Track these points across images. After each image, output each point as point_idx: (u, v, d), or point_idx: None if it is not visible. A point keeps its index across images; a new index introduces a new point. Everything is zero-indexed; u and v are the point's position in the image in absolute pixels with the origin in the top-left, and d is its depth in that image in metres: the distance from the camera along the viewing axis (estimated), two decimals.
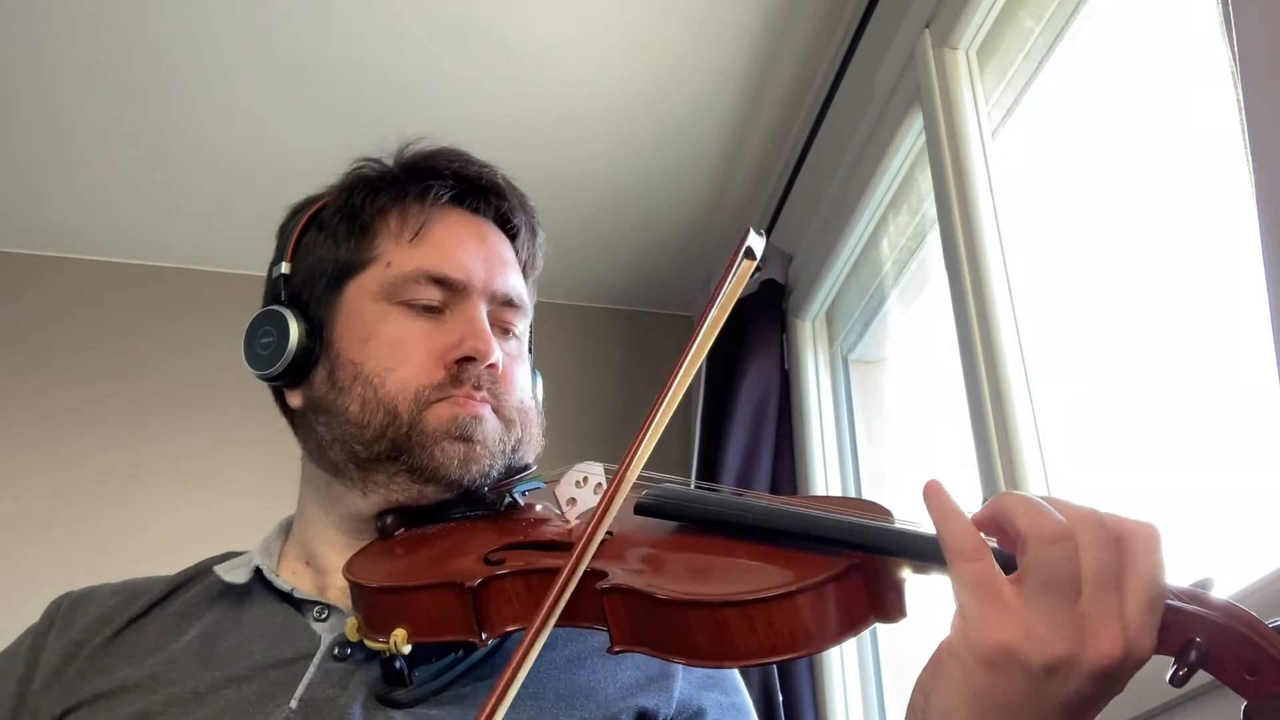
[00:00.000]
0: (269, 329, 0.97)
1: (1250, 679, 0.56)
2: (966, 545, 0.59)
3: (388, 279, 0.96)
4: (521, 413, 0.97)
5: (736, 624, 0.66)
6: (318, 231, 1.01)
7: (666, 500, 0.81)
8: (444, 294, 0.96)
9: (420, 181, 1.00)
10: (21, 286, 2.68)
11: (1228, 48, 0.98)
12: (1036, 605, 0.57)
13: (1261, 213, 0.93)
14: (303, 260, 1.01)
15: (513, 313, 1.01)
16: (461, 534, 0.89)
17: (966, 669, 0.58)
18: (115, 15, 2.10)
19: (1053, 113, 1.65)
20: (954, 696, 0.59)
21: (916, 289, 2.10)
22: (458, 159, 1.03)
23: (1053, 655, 0.56)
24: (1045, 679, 0.57)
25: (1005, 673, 0.57)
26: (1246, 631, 0.57)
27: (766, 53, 2.23)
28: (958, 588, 0.59)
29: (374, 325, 0.95)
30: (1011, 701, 0.58)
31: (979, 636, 0.58)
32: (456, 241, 0.99)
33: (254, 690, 0.85)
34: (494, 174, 1.04)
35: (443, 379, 0.93)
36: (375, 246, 0.98)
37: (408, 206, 0.99)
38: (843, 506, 0.75)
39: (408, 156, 1.04)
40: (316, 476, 0.99)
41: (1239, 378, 1.19)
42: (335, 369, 0.95)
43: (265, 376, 0.97)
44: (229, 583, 0.96)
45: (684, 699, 0.91)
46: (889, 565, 0.67)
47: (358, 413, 0.92)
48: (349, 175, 1.04)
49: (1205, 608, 0.58)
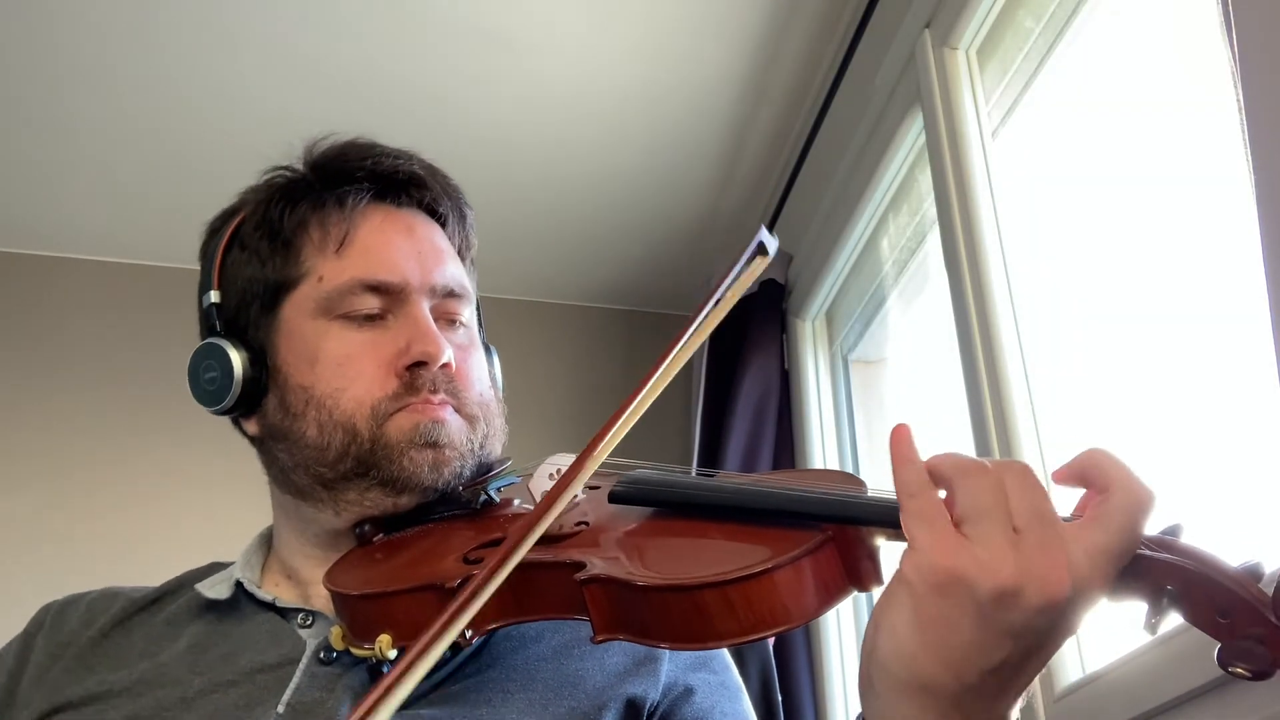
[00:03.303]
0: (210, 363, 0.94)
1: (1223, 622, 0.57)
2: (914, 482, 0.61)
3: (322, 294, 0.93)
4: (483, 406, 0.95)
5: (715, 605, 0.66)
6: (240, 250, 0.98)
7: (638, 487, 0.81)
8: (383, 300, 0.93)
9: (336, 185, 0.97)
10: (21, 286, 2.68)
11: (1228, 48, 0.98)
12: (975, 534, 0.58)
13: (1261, 213, 0.93)
14: (231, 285, 0.97)
15: (456, 302, 0.98)
16: (440, 535, 0.89)
17: (916, 596, 0.59)
18: (120, 17, 2.10)
19: (1053, 113, 1.65)
20: (900, 620, 0.60)
21: (916, 289, 2.10)
22: (370, 154, 0.99)
23: (998, 582, 0.57)
24: (993, 607, 0.57)
25: (953, 598, 0.58)
26: (1216, 575, 0.57)
27: (766, 53, 2.23)
28: (907, 521, 0.61)
29: (317, 344, 0.92)
30: (959, 627, 0.58)
31: (927, 562, 0.59)
32: (385, 243, 0.95)
33: (241, 695, 0.85)
34: (410, 164, 1.01)
35: (397, 388, 0.90)
36: (302, 261, 0.95)
37: (328, 214, 0.96)
38: (816, 479, 0.75)
39: (317, 157, 1.00)
40: (285, 501, 0.98)
41: (1239, 378, 1.19)
42: (286, 395, 0.93)
43: (218, 411, 0.95)
44: (211, 599, 0.95)
45: (670, 680, 0.91)
46: (862, 535, 0.68)
47: (316, 436, 0.90)
48: (262, 186, 1.01)
49: (1175, 554, 0.59)
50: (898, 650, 0.60)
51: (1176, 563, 0.58)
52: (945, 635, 0.58)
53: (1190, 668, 1.03)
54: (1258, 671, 0.55)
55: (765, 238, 0.83)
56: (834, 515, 0.68)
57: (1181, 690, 1.05)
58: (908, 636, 0.59)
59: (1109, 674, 1.20)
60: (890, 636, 0.60)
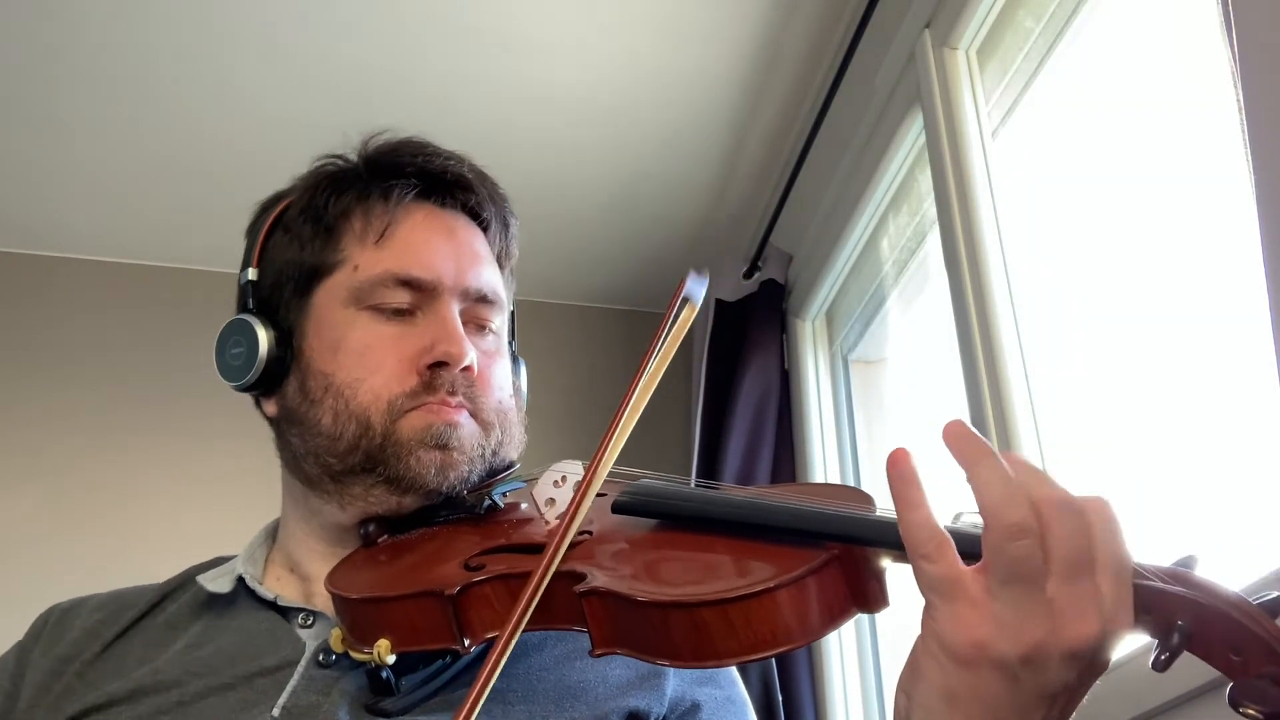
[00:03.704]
0: (238, 339, 0.95)
1: (1236, 659, 0.54)
2: (926, 544, 0.58)
3: (355, 283, 0.93)
4: (500, 414, 0.94)
5: (715, 624, 0.65)
6: (283, 234, 0.98)
7: (642, 498, 0.80)
8: (413, 296, 0.93)
9: (384, 179, 0.97)
10: (21, 286, 2.68)
11: (1228, 48, 0.97)
12: (1003, 596, 0.56)
13: (1261, 212, 0.93)
14: (269, 265, 0.98)
15: (488, 308, 0.98)
16: (443, 539, 0.89)
17: (942, 668, 0.57)
18: (118, 16, 2.10)
19: (1053, 113, 1.65)
20: (934, 696, 0.58)
21: (916, 289, 2.10)
22: (422, 152, 1.00)
23: (1026, 644, 0.55)
24: (1022, 669, 0.56)
25: (981, 668, 0.56)
26: (1231, 611, 0.55)
27: (766, 53, 2.23)
28: (922, 588, 0.58)
29: (343, 333, 0.92)
30: (992, 696, 0.56)
31: (949, 635, 0.57)
32: (424, 240, 0.95)
33: (238, 698, 0.85)
34: (460, 166, 1.01)
35: (415, 386, 0.90)
36: (340, 249, 0.95)
37: (372, 206, 0.96)
38: (825, 494, 0.74)
39: (371, 151, 1.00)
40: (294, 487, 0.97)
41: (1239, 378, 1.19)
42: (306, 379, 0.93)
43: (238, 387, 0.95)
44: (212, 592, 0.95)
45: (676, 696, 0.90)
46: (869, 555, 0.66)
47: (330, 425, 0.90)
48: (313, 173, 1.01)
49: (1188, 588, 0.56)
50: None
51: (1189, 596, 0.56)
52: (982, 710, 0.56)
53: (1190, 668, 1.02)
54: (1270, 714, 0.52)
55: (691, 286, 0.82)
56: (840, 534, 0.67)
57: (1181, 690, 1.04)
58: (944, 714, 0.57)
59: (1109, 674, 1.20)
60: (926, 715, 0.58)
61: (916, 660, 0.59)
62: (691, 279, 0.83)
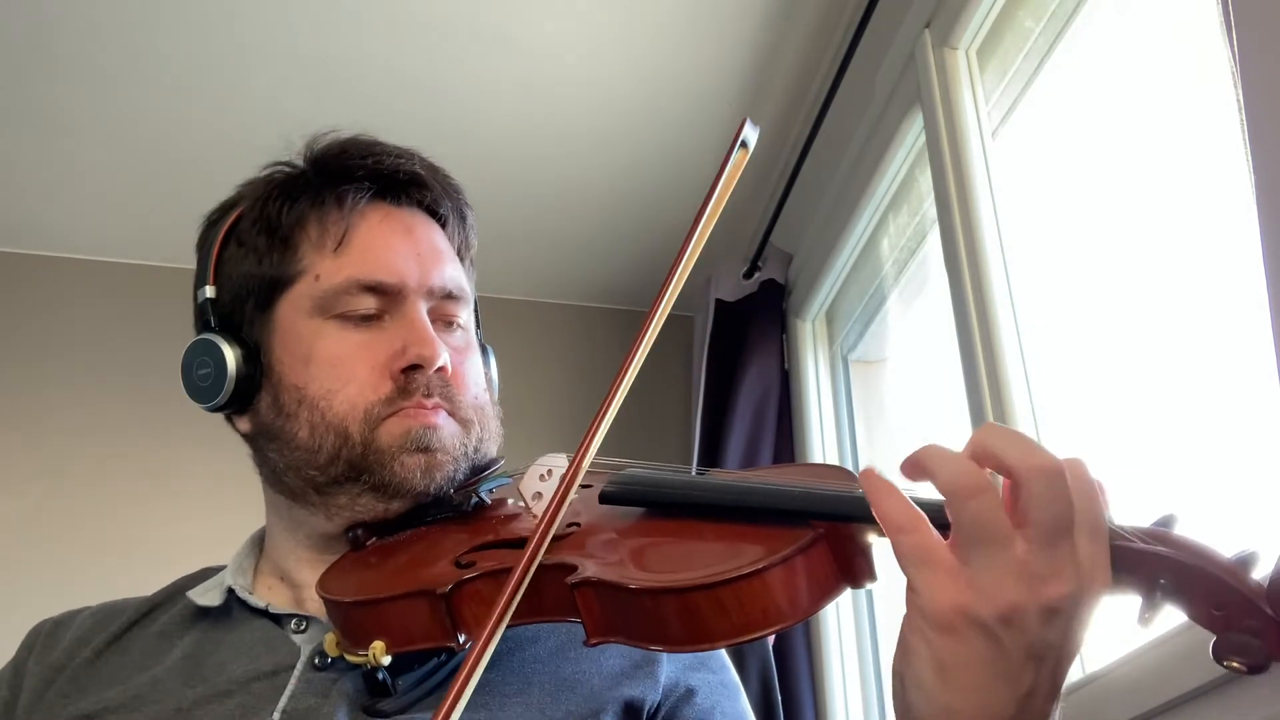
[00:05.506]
0: (204, 359, 0.93)
1: (1218, 614, 0.56)
2: (900, 519, 0.60)
3: (318, 293, 0.92)
4: (478, 409, 0.94)
5: (707, 607, 0.66)
6: (237, 246, 0.97)
7: (629, 487, 0.80)
8: (380, 300, 0.92)
9: (336, 183, 0.96)
10: (21, 286, 2.67)
11: (1228, 48, 0.98)
12: (973, 559, 0.58)
13: (1261, 212, 0.93)
14: (226, 280, 0.96)
15: (454, 304, 0.97)
16: (432, 539, 0.89)
17: (928, 640, 0.59)
18: (118, 15, 2.10)
19: (1053, 113, 1.65)
20: (924, 670, 0.59)
21: (916, 289, 2.10)
22: (371, 153, 0.98)
23: (1003, 605, 0.57)
24: (1003, 630, 0.57)
25: (963, 633, 0.57)
26: (1211, 568, 0.56)
27: (766, 53, 2.23)
28: (900, 561, 0.60)
29: (311, 344, 0.91)
30: (979, 661, 0.57)
31: (929, 604, 0.58)
32: (383, 243, 0.94)
33: (236, 704, 0.85)
34: (411, 163, 0.99)
35: (390, 392, 0.89)
36: (299, 259, 0.93)
37: (327, 212, 0.95)
38: (809, 474, 0.75)
39: (318, 154, 0.99)
40: (277, 501, 0.97)
41: (1239, 378, 1.19)
42: (279, 394, 0.92)
43: (210, 408, 0.94)
44: (202, 606, 0.95)
45: (670, 682, 0.91)
46: (854, 532, 0.68)
47: (307, 438, 0.89)
48: (261, 181, 1.00)
49: (1168, 546, 0.58)
50: (931, 703, 0.59)
51: (1169, 555, 0.58)
52: (971, 676, 0.58)
53: (1190, 668, 1.03)
54: (1253, 665, 0.54)
55: (748, 131, 0.84)
56: (825, 512, 0.68)
57: (1181, 690, 1.04)
58: (937, 687, 0.59)
59: (1109, 674, 1.20)
60: (920, 691, 0.59)
61: (905, 639, 0.61)
62: (748, 125, 0.85)
